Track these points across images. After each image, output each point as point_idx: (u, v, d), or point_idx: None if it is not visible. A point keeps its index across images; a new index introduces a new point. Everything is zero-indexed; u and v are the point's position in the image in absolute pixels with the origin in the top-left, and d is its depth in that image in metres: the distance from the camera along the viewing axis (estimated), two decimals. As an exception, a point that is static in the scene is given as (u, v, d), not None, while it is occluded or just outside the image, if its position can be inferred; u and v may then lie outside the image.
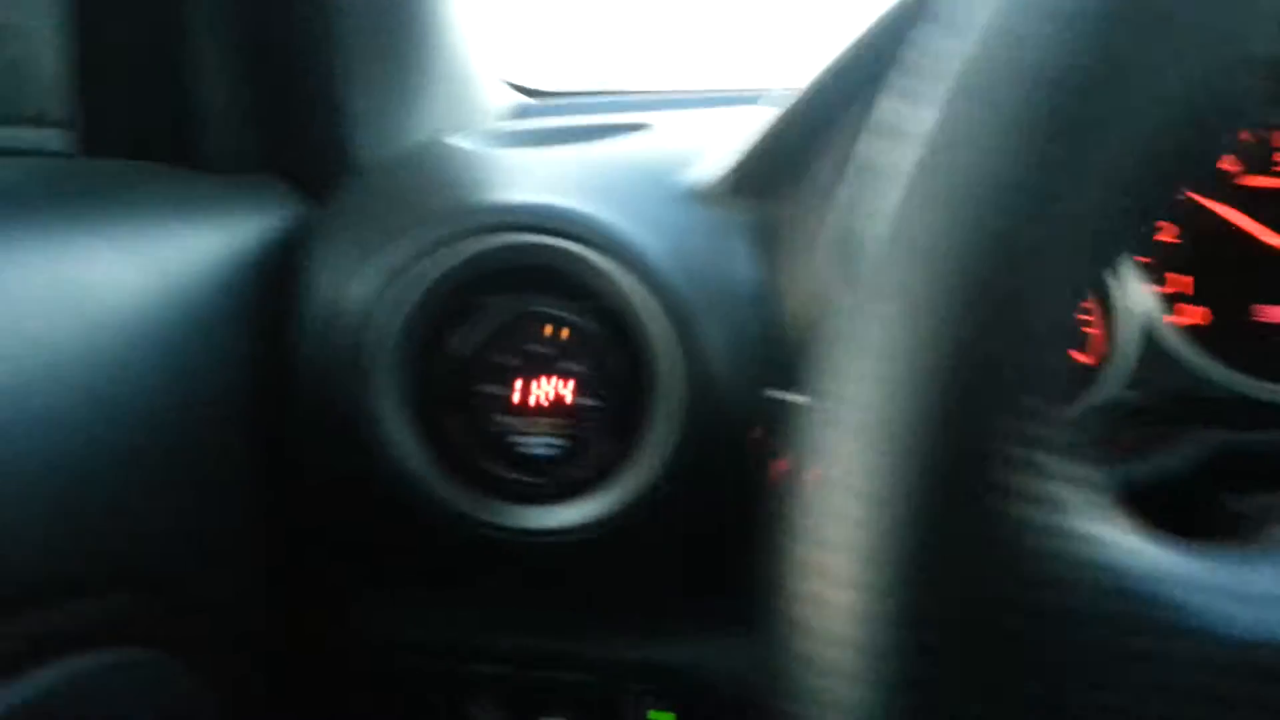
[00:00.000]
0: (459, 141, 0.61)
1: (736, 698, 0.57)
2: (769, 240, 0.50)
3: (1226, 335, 0.49)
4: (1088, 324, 0.50)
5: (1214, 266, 0.49)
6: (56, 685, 0.39)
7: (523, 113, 0.78)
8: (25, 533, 0.37)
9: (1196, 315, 0.50)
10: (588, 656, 0.57)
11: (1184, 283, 0.50)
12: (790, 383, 0.48)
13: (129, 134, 0.54)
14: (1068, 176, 0.17)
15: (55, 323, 0.39)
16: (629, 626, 0.58)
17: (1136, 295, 0.49)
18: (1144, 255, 0.50)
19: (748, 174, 0.51)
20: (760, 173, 0.50)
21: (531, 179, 0.53)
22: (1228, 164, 0.49)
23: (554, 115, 0.73)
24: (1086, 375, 0.49)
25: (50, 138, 0.54)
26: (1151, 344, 0.49)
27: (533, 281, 0.50)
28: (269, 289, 0.53)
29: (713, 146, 0.56)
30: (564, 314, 0.50)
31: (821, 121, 0.48)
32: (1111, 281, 0.49)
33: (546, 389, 0.51)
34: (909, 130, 0.19)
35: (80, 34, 0.51)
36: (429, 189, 0.53)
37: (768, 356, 0.49)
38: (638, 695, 0.57)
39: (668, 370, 0.48)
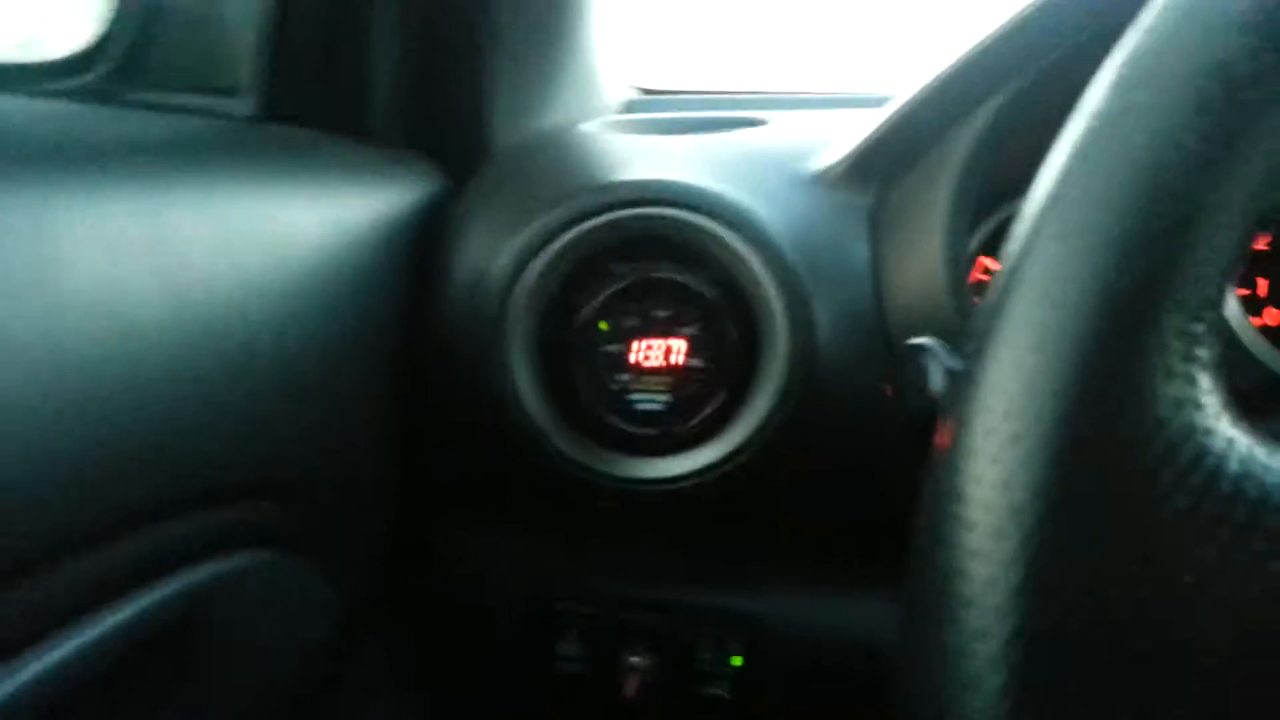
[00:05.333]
0: (589, 128, 0.66)
1: (803, 646, 0.61)
2: (883, 223, 0.53)
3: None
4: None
5: None
6: (198, 585, 0.44)
7: (642, 108, 0.83)
8: (197, 443, 0.42)
9: (1274, 317, 0.53)
10: (673, 601, 0.62)
11: (1263, 286, 0.53)
12: (894, 357, 0.52)
13: (305, 104, 0.61)
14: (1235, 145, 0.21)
15: (248, 261, 0.45)
16: (711, 574, 0.62)
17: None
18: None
19: (866, 160, 0.55)
20: (878, 159, 0.54)
21: (661, 160, 0.58)
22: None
23: (673, 110, 0.78)
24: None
25: (233, 104, 0.60)
26: (1233, 344, 0.52)
27: (658, 252, 0.55)
28: (418, 252, 0.59)
29: (831, 140, 0.60)
30: (685, 281, 0.55)
31: (940, 113, 0.52)
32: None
33: (662, 350, 0.56)
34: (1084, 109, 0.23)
35: (276, 12, 0.58)
36: (567, 169, 0.58)
37: (873, 329, 0.52)
38: (717, 639, 0.61)
39: (776, 337, 0.53)
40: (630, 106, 0.84)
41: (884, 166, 0.54)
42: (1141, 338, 0.22)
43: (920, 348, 0.36)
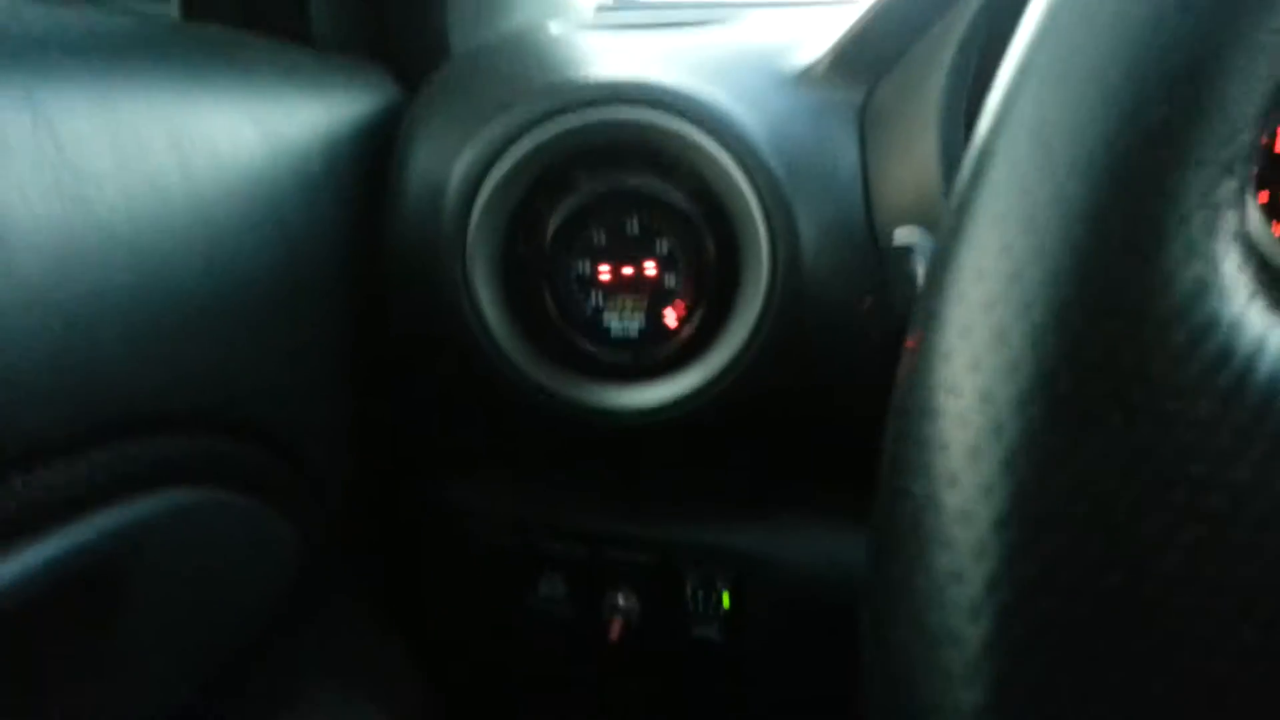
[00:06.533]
0: (555, 28, 0.61)
1: (794, 584, 0.58)
2: (871, 122, 0.49)
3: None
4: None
5: None
6: (145, 517, 0.41)
7: (614, 8, 0.77)
8: (124, 365, 0.38)
9: None
10: (656, 538, 0.59)
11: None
12: (884, 267, 0.48)
13: (233, 5, 0.55)
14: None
15: (164, 169, 0.40)
16: (698, 509, 0.59)
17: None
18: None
19: (849, 55, 0.50)
20: (861, 54, 0.49)
21: (630, 58, 0.53)
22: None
23: (647, 10, 0.72)
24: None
25: (156, 6, 0.55)
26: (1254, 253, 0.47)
27: (628, 159, 0.50)
28: (368, 164, 0.54)
29: (812, 36, 0.55)
30: (657, 192, 0.50)
31: (924, 4, 0.47)
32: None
33: (635, 267, 0.51)
34: None
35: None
36: (526, 69, 0.53)
37: (861, 239, 0.48)
38: (703, 576, 0.58)
39: (757, 251, 0.48)
40: (602, 9, 0.78)
41: (871, 59, 0.49)
42: (1155, 204, 0.17)
43: (906, 248, 0.31)
